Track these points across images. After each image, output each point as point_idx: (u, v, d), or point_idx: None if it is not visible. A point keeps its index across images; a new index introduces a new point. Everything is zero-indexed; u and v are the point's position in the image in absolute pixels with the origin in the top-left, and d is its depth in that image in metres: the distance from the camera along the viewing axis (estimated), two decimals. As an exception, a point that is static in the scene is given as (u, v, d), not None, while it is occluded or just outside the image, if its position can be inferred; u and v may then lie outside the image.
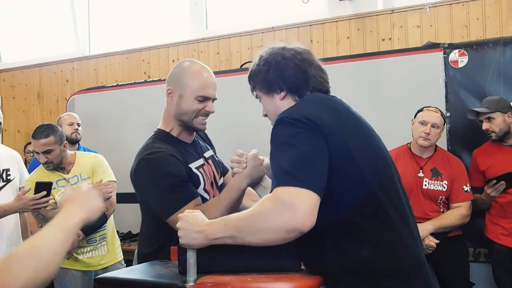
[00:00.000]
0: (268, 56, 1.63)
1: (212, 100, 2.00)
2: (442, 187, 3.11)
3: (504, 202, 3.10)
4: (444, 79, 3.54)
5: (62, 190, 3.11)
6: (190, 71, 2.00)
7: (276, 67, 1.59)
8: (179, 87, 1.98)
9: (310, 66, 1.59)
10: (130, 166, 2.00)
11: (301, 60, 1.59)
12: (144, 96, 4.72)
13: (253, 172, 1.81)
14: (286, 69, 1.58)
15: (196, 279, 1.40)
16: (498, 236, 3.15)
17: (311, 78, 1.58)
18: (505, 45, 3.43)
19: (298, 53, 1.60)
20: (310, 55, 1.63)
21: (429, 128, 3.10)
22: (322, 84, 1.61)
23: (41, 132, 3.03)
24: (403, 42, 4.21)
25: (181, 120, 2.00)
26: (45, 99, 6.01)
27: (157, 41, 5.34)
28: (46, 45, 6.20)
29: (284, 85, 1.59)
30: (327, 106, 1.52)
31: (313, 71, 1.59)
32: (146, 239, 2.07)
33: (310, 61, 1.60)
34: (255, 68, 1.65)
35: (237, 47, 4.91)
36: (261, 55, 1.66)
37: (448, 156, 3.23)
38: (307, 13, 4.63)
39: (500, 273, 3.15)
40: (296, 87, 1.58)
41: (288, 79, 1.58)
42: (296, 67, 1.58)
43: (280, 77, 1.59)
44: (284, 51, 1.61)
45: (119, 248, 3.36)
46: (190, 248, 1.41)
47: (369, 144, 1.54)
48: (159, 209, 1.85)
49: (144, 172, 1.91)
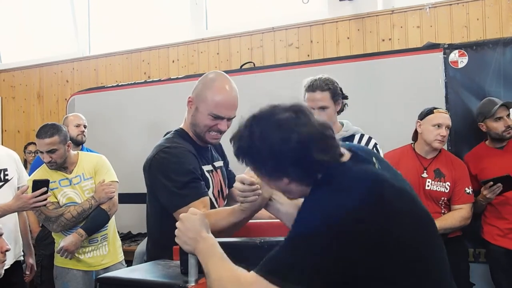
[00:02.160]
0: (260, 144, 1.31)
1: (227, 119, 1.98)
2: (445, 189, 3.09)
3: (498, 203, 3.12)
4: (444, 79, 3.55)
5: (64, 190, 3.11)
6: (211, 85, 1.98)
7: (272, 159, 1.31)
8: (198, 99, 2.00)
9: (312, 142, 1.29)
10: (130, 166, 2.03)
11: (299, 142, 1.28)
12: (144, 96, 4.72)
13: (268, 196, 1.73)
14: (285, 161, 1.30)
15: (197, 279, 1.40)
16: (494, 237, 3.17)
17: (317, 162, 1.29)
18: (505, 46, 3.43)
19: (294, 126, 1.29)
20: (308, 122, 1.31)
21: (444, 130, 3.07)
22: (331, 158, 1.32)
23: (46, 131, 3.04)
24: (403, 43, 4.21)
25: (194, 130, 2.03)
26: (45, 99, 6.00)
27: (157, 41, 5.34)
28: (46, 45, 6.19)
29: (287, 175, 1.33)
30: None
31: (318, 148, 1.29)
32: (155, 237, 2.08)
33: (310, 134, 1.30)
34: (245, 150, 1.36)
35: (237, 47, 4.91)
36: (251, 131, 1.34)
37: (451, 158, 3.21)
38: (307, 13, 4.63)
39: (497, 274, 3.16)
40: (302, 176, 1.33)
41: (290, 170, 1.31)
42: (297, 154, 1.29)
43: (281, 169, 1.33)
44: (278, 128, 1.30)
45: (120, 248, 3.36)
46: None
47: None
48: (167, 201, 1.86)
49: (160, 163, 1.91)
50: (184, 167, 1.88)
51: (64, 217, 3.04)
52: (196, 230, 1.40)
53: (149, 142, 4.40)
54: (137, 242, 4.21)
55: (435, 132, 3.07)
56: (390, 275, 1.24)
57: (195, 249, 1.38)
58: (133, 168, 4.58)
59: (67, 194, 3.11)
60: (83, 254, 3.13)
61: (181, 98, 2.15)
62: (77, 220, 3.06)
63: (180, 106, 4.46)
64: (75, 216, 3.05)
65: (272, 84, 3.87)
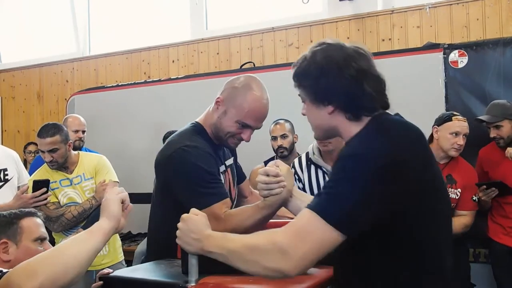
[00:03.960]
0: (321, 60, 1.38)
1: (253, 129, 1.91)
2: (455, 195, 3.02)
3: (504, 202, 3.13)
4: (444, 79, 3.55)
5: (65, 189, 3.11)
6: (247, 93, 1.88)
7: (328, 77, 1.36)
8: (229, 102, 1.90)
9: (367, 78, 1.37)
10: (130, 166, 2.00)
11: (357, 70, 1.36)
12: (144, 96, 4.73)
13: (291, 187, 1.72)
14: (339, 82, 1.35)
15: (198, 279, 1.40)
16: (498, 235, 3.18)
17: (366, 95, 1.36)
18: (505, 46, 3.43)
19: (355, 58, 1.37)
20: (369, 61, 1.41)
21: (461, 139, 3.00)
22: (379, 101, 1.40)
23: (47, 131, 3.04)
24: (403, 43, 4.21)
25: (215, 132, 1.94)
26: (45, 99, 6.01)
27: (157, 41, 5.34)
28: (46, 45, 6.20)
29: (334, 100, 1.38)
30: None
31: (370, 85, 1.37)
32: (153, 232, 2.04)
33: (367, 71, 1.38)
34: (304, 67, 1.41)
35: (237, 47, 4.91)
36: (313, 52, 1.41)
37: (464, 165, 3.13)
38: (307, 14, 4.63)
39: (500, 271, 3.18)
40: (348, 105, 1.38)
41: (339, 94, 1.36)
42: (351, 81, 1.35)
43: (331, 90, 1.37)
44: (340, 55, 1.37)
45: (120, 248, 3.36)
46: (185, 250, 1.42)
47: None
48: (189, 201, 1.73)
49: (180, 162, 1.83)
50: (206, 168, 1.82)
51: (64, 217, 3.04)
52: (199, 230, 1.39)
53: (149, 142, 4.48)
54: (137, 242, 4.21)
55: (452, 140, 3.00)
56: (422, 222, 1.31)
57: (202, 247, 1.37)
58: (133, 168, 4.62)
59: (68, 194, 3.11)
60: (84, 254, 3.13)
61: (181, 98, 2.15)
62: (77, 220, 3.07)
63: (180, 106, 4.49)
64: (76, 216, 3.05)
65: (272, 84, 3.86)
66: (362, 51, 1.42)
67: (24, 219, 1.91)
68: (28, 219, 1.93)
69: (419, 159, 1.31)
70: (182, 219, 1.43)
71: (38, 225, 1.95)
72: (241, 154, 2.21)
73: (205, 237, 1.38)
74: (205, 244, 1.37)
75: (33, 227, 1.91)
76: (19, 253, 1.85)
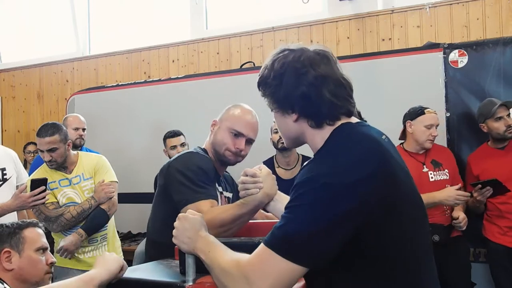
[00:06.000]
0: (279, 68, 1.36)
1: (246, 139, 2.04)
2: (446, 176, 3.20)
3: (499, 202, 3.14)
4: (444, 79, 3.55)
5: (64, 190, 3.11)
6: (236, 108, 2.09)
7: (286, 85, 1.34)
8: (221, 119, 2.09)
9: (327, 84, 1.32)
10: (130, 166, 2.03)
11: (316, 77, 1.31)
12: (144, 96, 4.73)
13: (270, 192, 1.76)
14: (297, 89, 1.32)
15: (195, 278, 1.40)
16: (494, 235, 3.20)
17: (326, 102, 1.31)
18: (505, 45, 3.43)
19: (314, 64, 1.33)
20: (331, 65, 1.35)
21: (435, 130, 3.17)
22: (341, 108, 1.34)
23: (47, 130, 3.05)
24: (403, 42, 4.21)
25: (214, 149, 2.08)
26: (45, 99, 6.01)
27: (157, 41, 5.34)
28: (46, 45, 6.20)
29: (296, 107, 1.35)
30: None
31: (330, 92, 1.32)
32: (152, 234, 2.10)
33: (328, 77, 1.33)
34: (264, 76, 1.40)
35: (237, 47, 4.91)
36: (273, 60, 1.39)
37: (438, 147, 3.30)
38: (307, 13, 4.63)
39: (497, 271, 3.19)
40: (310, 112, 1.34)
41: (299, 102, 1.33)
42: (309, 87, 1.31)
43: (290, 98, 1.34)
44: (298, 61, 1.34)
45: (119, 249, 3.37)
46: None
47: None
48: (179, 196, 1.89)
49: (180, 163, 1.98)
50: (203, 171, 1.94)
51: (64, 217, 3.04)
52: (194, 230, 1.39)
53: (149, 142, 4.48)
54: (137, 242, 4.21)
55: (427, 132, 3.16)
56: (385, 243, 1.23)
57: (194, 248, 1.38)
58: (133, 168, 4.62)
59: (67, 194, 3.11)
60: (83, 254, 3.13)
61: (181, 98, 2.16)
62: (76, 220, 3.07)
63: (180, 106, 4.49)
64: (75, 216, 3.05)
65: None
66: (325, 54, 1.37)
67: (27, 229, 1.98)
68: (31, 229, 2.00)
69: (382, 174, 1.23)
70: (179, 218, 1.44)
71: (40, 235, 2.02)
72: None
73: (198, 238, 1.38)
74: (196, 246, 1.37)
75: (35, 237, 1.98)
76: (21, 262, 1.92)
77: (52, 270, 2.02)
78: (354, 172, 1.20)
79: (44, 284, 1.93)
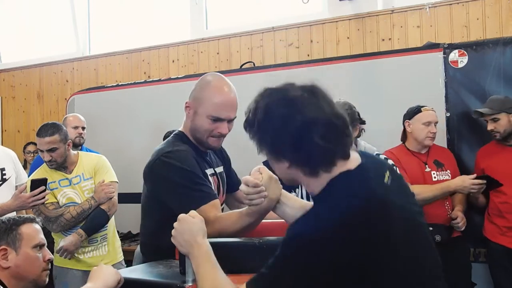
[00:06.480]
0: (263, 114, 1.26)
1: (227, 120, 1.92)
2: (448, 176, 3.21)
3: (500, 201, 3.15)
4: (444, 79, 3.55)
5: (64, 190, 3.11)
6: (208, 87, 1.93)
7: (272, 132, 1.25)
8: (196, 102, 1.94)
9: (316, 128, 1.21)
10: (130, 166, 2.01)
11: (303, 122, 1.21)
12: (144, 96, 4.73)
13: (275, 197, 1.64)
14: (284, 137, 1.23)
15: (195, 279, 1.40)
16: (494, 235, 3.20)
17: (318, 148, 1.21)
18: (505, 45, 3.43)
19: (299, 107, 1.23)
20: (318, 106, 1.23)
21: (434, 127, 3.19)
22: (335, 152, 1.24)
23: (46, 130, 3.04)
24: (403, 42, 4.21)
25: (194, 136, 1.97)
26: (45, 99, 6.01)
27: (157, 41, 5.34)
28: (46, 45, 6.20)
29: (286, 155, 1.26)
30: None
31: (322, 136, 1.21)
32: (149, 239, 2.05)
33: (317, 120, 1.22)
34: (249, 122, 1.30)
35: (237, 47, 4.91)
36: (257, 103, 1.29)
37: (438, 148, 3.33)
38: (307, 13, 4.63)
39: (497, 271, 3.19)
40: (302, 161, 1.25)
41: (288, 150, 1.24)
42: (296, 134, 1.21)
43: (278, 145, 1.25)
44: (283, 104, 1.25)
45: (119, 249, 3.36)
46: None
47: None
48: (178, 205, 1.75)
49: (163, 168, 1.86)
50: (189, 171, 1.83)
51: (63, 217, 3.04)
52: (192, 234, 1.39)
53: (149, 142, 4.47)
54: (137, 242, 4.20)
55: (426, 130, 3.18)
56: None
57: (189, 253, 1.38)
58: (133, 168, 4.59)
59: (67, 194, 3.11)
60: (83, 254, 3.13)
61: (181, 98, 2.14)
62: (76, 221, 3.06)
63: (180, 106, 4.47)
64: (75, 216, 3.05)
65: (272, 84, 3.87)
66: (312, 90, 1.26)
67: (24, 225, 1.93)
68: (28, 225, 1.94)
69: (383, 227, 1.16)
70: (178, 220, 1.43)
71: (37, 231, 1.96)
72: (240, 154, 2.21)
73: (195, 244, 1.37)
74: (192, 251, 1.37)
75: (32, 233, 1.93)
76: (18, 259, 1.87)
77: (49, 267, 1.99)
78: (338, 239, 1.13)
79: (41, 281, 1.91)
